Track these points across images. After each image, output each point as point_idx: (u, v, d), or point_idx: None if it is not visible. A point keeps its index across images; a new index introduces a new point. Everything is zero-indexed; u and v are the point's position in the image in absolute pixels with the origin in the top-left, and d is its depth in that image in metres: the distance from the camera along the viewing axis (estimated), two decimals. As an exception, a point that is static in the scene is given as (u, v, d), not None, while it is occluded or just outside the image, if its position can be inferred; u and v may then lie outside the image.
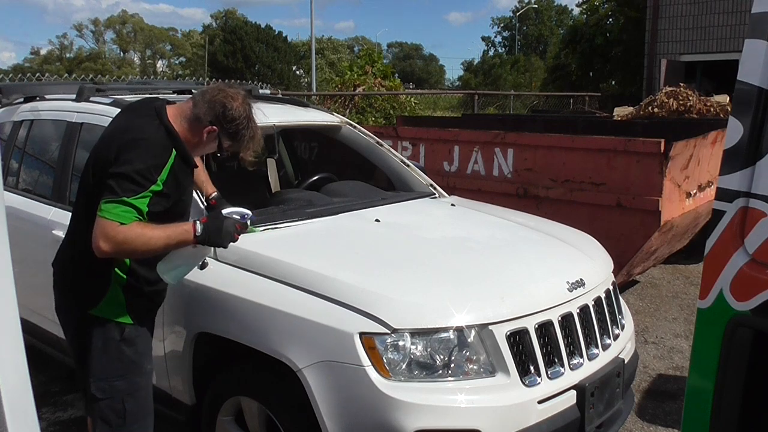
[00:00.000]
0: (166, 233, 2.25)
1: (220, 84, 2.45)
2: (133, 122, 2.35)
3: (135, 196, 2.17)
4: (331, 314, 2.36)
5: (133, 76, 36.85)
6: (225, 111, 2.31)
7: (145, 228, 2.20)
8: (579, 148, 5.25)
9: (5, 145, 4.00)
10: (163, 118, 2.33)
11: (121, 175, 2.17)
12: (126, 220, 2.15)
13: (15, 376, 1.46)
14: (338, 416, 2.30)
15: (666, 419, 3.70)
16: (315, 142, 4.78)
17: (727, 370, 1.81)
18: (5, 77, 20.38)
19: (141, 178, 2.18)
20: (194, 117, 2.34)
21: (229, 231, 2.37)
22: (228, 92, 2.35)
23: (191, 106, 2.36)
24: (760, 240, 1.76)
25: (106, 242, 2.14)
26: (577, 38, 23.79)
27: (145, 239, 2.19)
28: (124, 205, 2.15)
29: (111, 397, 2.39)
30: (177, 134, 2.32)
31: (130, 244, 2.17)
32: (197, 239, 2.30)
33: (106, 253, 2.17)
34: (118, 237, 2.14)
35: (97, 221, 2.16)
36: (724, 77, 9.70)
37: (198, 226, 2.30)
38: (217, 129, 2.34)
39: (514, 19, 57.83)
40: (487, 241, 3.19)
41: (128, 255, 2.29)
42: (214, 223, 2.34)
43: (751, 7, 1.80)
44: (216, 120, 2.33)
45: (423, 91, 29.32)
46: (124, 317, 2.40)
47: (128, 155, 2.20)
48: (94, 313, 2.38)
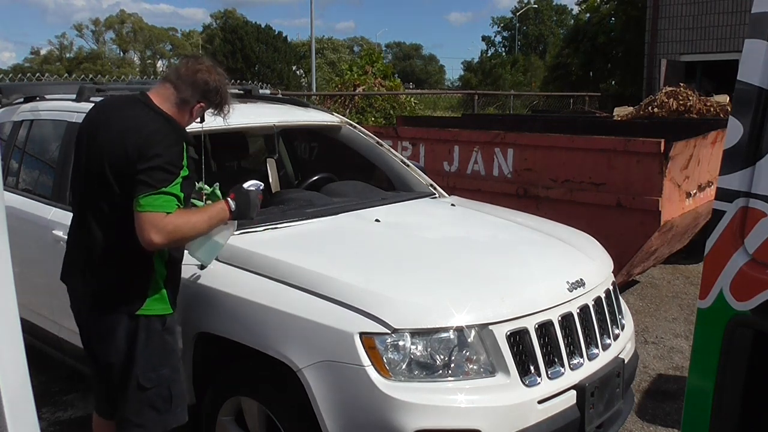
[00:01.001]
0: (207, 215, 2.41)
1: (187, 60, 2.52)
2: (134, 116, 2.38)
3: (170, 184, 2.25)
4: (331, 314, 2.36)
5: (133, 76, 36.80)
6: (208, 86, 2.45)
7: (189, 213, 2.32)
8: (579, 148, 5.24)
9: (5, 145, 4.00)
10: (154, 108, 2.41)
11: (152, 169, 2.23)
12: (170, 208, 2.23)
13: (15, 376, 1.46)
14: (338, 416, 2.30)
15: (666, 419, 3.70)
16: (315, 142, 4.78)
17: (727, 370, 1.81)
18: (5, 77, 20.37)
19: (172, 167, 2.27)
20: (181, 101, 2.44)
21: (256, 203, 2.55)
22: (201, 68, 2.46)
23: (173, 91, 2.44)
24: (760, 240, 1.76)
25: (158, 234, 2.20)
26: (579, 37, 23.79)
27: (192, 224, 2.31)
28: (164, 195, 2.22)
29: (159, 385, 2.47)
30: (173, 119, 2.41)
31: (180, 231, 2.26)
32: (232, 215, 2.46)
33: (157, 245, 2.23)
34: (168, 227, 2.21)
35: (141, 216, 2.21)
36: (724, 77, 9.71)
37: (231, 203, 2.46)
38: (204, 104, 2.49)
39: (514, 19, 57.84)
40: (487, 241, 3.19)
41: (178, 243, 2.36)
42: (243, 198, 2.51)
43: (751, 7, 1.80)
44: (203, 97, 2.46)
45: (423, 91, 29.33)
46: (166, 308, 2.48)
47: (153, 149, 2.26)
48: (141, 313, 2.41)
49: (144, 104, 2.42)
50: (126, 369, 2.46)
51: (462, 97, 22.51)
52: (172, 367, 2.52)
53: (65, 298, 3.38)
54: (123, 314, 2.42)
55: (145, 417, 2.48)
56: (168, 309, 2.48)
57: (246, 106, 4.04)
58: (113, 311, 2.43)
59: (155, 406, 2.48)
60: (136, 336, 2.43)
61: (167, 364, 2.49)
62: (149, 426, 2.49)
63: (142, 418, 2.48)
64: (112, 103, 2.57)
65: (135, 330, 2.42)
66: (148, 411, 2.47)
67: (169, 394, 2.50)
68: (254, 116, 3.80)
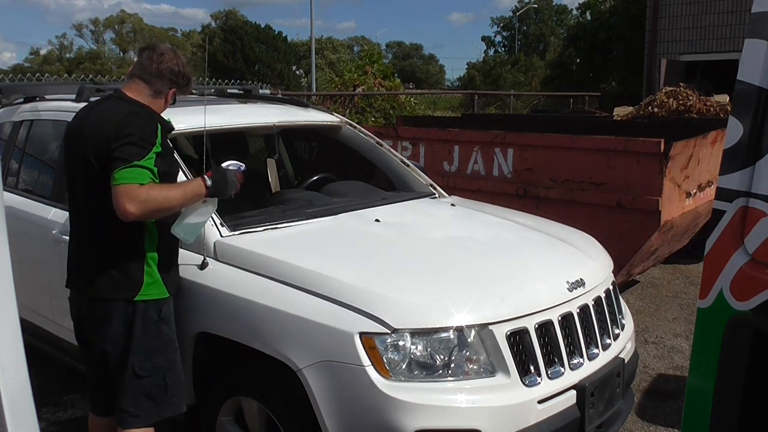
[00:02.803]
0: (182, 189, 2.47)
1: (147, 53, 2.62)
2: (111, 108, 2.52)
3: (142, 158, 2.34)
4: (332, 314, 2.36)
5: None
6: (174, 71, 2.59)
7: (163, 187, 2.39)
8: (579, 148, 5.24)
9: (5, 146, 4.00)
10: (128, 99, 2.55)
11: (125, 145, 2.34)
12: (143, 179, 2.31)
13: (15, 377, 1.46)
14: (338, 416, 2.31)
15: (666, 419, 3.70)
16: (315, 142, 4.78)
17: (727, 370, 1.81)
18: (5, 77, 20.37)
19: (143, 142, 2.37)
20: (155, 92, 2.59)
21: (234, 180, 2.58)
22: (164, 56, 2.58)
23: (145, 85, 2.58)
24: (760, 240, 1.76)
25: (131, 203, 2.27)
26: (581, 34, 23.81)
27: (165, 195, 2.37)
28: (137, 167, 2.31)
29: (153, 374, 2.52)
30: (148, 107, 2.55)
31: (153, 200, 2.32)
32: (209, 191, 2.49)
33: (132, 215, 2.28)
34: (141, 195, 2.28)
35: (116, 189, 2.29)
36: (724, 77, 9.70)
37: (207, 179, 2.50)
38: (175, 89, 2.63)
39: (513, 19, 57.83)
40: (487, 241, 3.19)
41: (152, 214, 2.39)
42: (220, 175, 2.55)
43: (751, 7, 1.80)
44: (173, 83, 2.61)
45: (423, 91, 29.31)
46: (162, 292, 2.54)
47: (126, 129, 2.38)
48: (139, 299, 2.48)
49: (119, 98, 2.57)
50: (122, 358, 2.51)
51: (462, 97, 22.52)
52: (168, 356, 2.56)
53: (65, 298, 3.38)
54: (120, 301, 2.48)
55: (141, 406, 2.53)
56: (164, 293, 2.54)
57: (246, 106, 4.04)
58: (111, 299, 2.49)
59: (151, 395, 2.53)
60: (133, 324, 2.48)
61: (162, 354, 2.54)
62: (144, 416, 2.54)
63: (138, 407, 2.53)
64: (92, 104, 2.70)
65: (132, 317, 2.48)
66: (143, 400, 2.52)
67: (164, 384, 2.54)
68: (254, 116, 3.80)
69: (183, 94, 2.73)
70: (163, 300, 2.55)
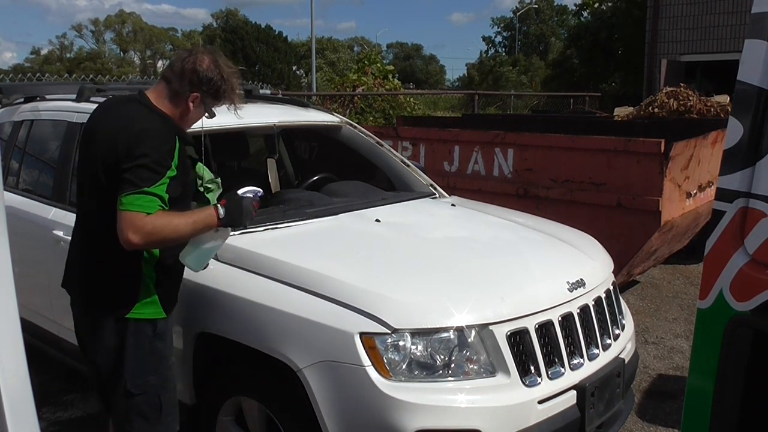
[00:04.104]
0: (192, 219, 2.29)
1: (180, 52, 2.50)
2: (128, 116, 2.34)
3: (154, 184, 2.18)
4: (332, 314, 2.36)
5: (133, 76, 36.80)
6: (199, 75, 2.36)
7: (171, 216, 2.22)
8: (579, 148, 5.24)
9: (5, 145, 4.00)
10: (150, 106, 2.37)
11: (137, 167, 2.18)
12: (151, 209, 2.16)
13: (15, 376, 1.46)
14: (338, 416, 2.30)
15: (666, 419, 3.70)
16: (315, 142, 4.78)
17: (727, 371, 1.81)
18: (6, 77, 20.37)
19: (158, 166, 2.20)
20: (173, 93, 2.38)
21: (249, 210, 2.41)
22: (193, 57, 2.39)
23: (165, 84, 2.40)
24: (760, 240, 1.76)
25: (136, 233, 2.13)
26: (581, 35, 23.83)
27: (173, 227, 2.21)
28: (146, 194, 2.16)
29: (146, 392, 2.40)
30: (169, 117, 2.36)
31: (160, 233, 2.18)
32: (221, 221, 2.33)
33: (135, 245, 2.16)
34: (147, 227, 2.14)
35: (121, 215, 2.15)
36: (724, 77, 9.70)
37: (220, 209, 2.33)
38: (199, 94, 2.38)
39: (514, 19, 57.84)
40: (488, 241, 3.19)
41: (157, 245, 2.28)
42: (235, 204, 2.37)
43: (751, 7, 1.80)
44: (194, 86, 2.37)
45: (423, 91, 29.31)
46: (158, 312, 2.41)
47: (140, 148, 2.20)
48: (131, 317, 2.35)
49: (139, 103, 2.39)
50: (115, 374, 2.41)
51: (462, 97, 22.51)
52: (162, 375, 2.45)
53: (65, 298, 3.38)
54: (111, 317, 2.37)
55: (134, 424, 2.42)
56: (160, 313, 2.41)
57: (246, 106, 4.04)
58: (102, 314, 2.40)
59: (143, 414, 2.41)
60: (125, 340, 2.37)
61: (156, 372, 2.43)
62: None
63: (131, 425, 2.43)
64: (110, 104, 2.54)
65: (124, 334, 2.37)
66: (136, 418, 2.41)
67: (158, 402, 2.43)
68: (254, 116, 3.80)
69: (214, 105, 2.47)
70: (158, 319, 2.42)
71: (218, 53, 2.48)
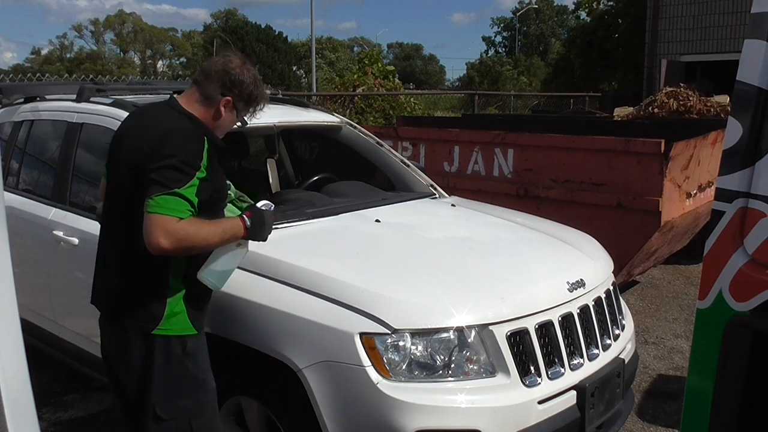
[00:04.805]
0: (221, 227, 2.21)
1: (212, 58, 2.43)
2: (155, 117, 2.28)
3: (184, 186, 2.08)
4: (332, 314, 2.36)
5: (133, 77, 36.80)
6: (231, 78, 2.29)
7: (202, 223, 2.13)
8: (579, 149, 5.24)
9: (5, 146, 4.00)
10: (179, 108, 2.29)
11: (165, 168, 2.08)
12: (183, 214, 2.06)
13: (15, 377, 1.46)
14: (338, 416, 2.31)
15: (666, 419, 3.70)
16: (315, 143, 4.78)
17: (727, 371, 1.81)
18: (6, 77, 20.37)
19: (186, 166, 2.11)
20: (205, 97, 2.30)
21: (270, 223, 2.35)
22: (225, 61, 2.33)
23: (197, 88, 2.32)
24: (759, 240, 1.76)
25: (167, 238, 2.02)
26: (581, 35, 23.86)
27: (204, 235, 2.12)
28: (176, 197, 2.06)
29: (177, 418, 2.25)
30: (199, 120, 2.29)
31: (190, 239, 2.08)
32: (247, 233, 2.25)
33: (163, 251, 2.05)
34: (179, 233, 2.05)
35: (150, 218, 2.04)
36: (724, 77, 9.69)
37: (247, 220, 2.25)
38: (231, 98, 2.31)
39: (514, 19, 57.84)
40: (488, 242, 3.19)
41: (184, 252, 2.15)
42: (258, 217, 2.29)
43: (751, 7, 1.80)
44: (227, 90, 2.30)
45: (423, 91, 29.29)
46: (187, 328, 2.27)
47: (167, 148, 2.11)
48: (156, 333, 2.22)
49: (169, 107, 2.32)
50: (142, 396, 2.26)
51: (462, 97, 22.51)
52: (196, 398, 2.28)
53: (65, 298, 3.39)
54: (138, 332, 2.24)
55: None
56: (189, 329, 2.27)
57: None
58: (128, 328, 2.26)
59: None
60: (153, 359, 2.23)
61: (187, 395, 2.26)
62: None
63: None
64: (140, 111, 2.47)
65: (151, 351, 2.23)
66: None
67: (189, 429, 2.26)
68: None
69: (246, 111, 2.39)
70: (187, 337, 2.27)
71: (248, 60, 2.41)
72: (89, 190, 3.49)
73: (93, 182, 3.53)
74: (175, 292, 2.25)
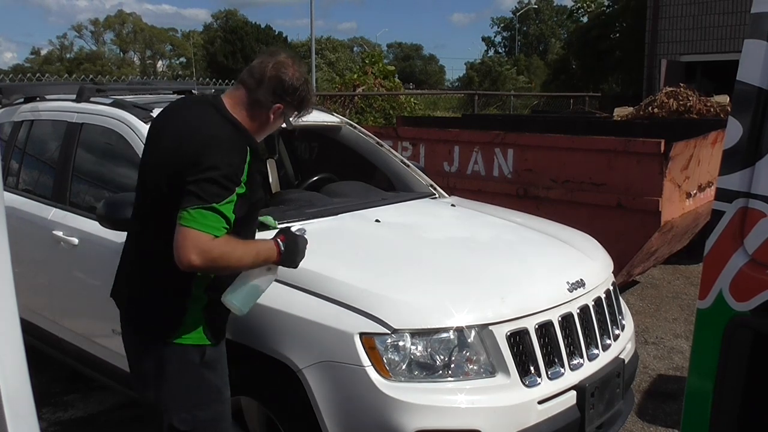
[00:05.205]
0: (256, 250, 2.11)
1: (263, 57, 2.21)
2: (199, 119, 2.13)
3: (222, 201, 1.96)
4: (332, 314, 2.36)
5: (133, 77, 36.84)
6: (284, 84, 2.15)
7: (237, 243, 2.03)
8: (579, 149, 5.25)
9: (5, 146, 4.00)
10: (223, 111, 2.14)
11: (205, 181, 1.96)
12: (219, 232, 1.95)
13: (15, 377, 1.46)
14: (338, 416, 2.30)
15: (666, 420, 3.70)
16: (315, 142, 4.78)
17: (727, 371, 1.81)
18: (5, 77, 20.38)
19: (227, 181, 1.98)
20: (254, 102, 2.16)
21: (303, 250, 2.26)
22: (278, 65, 2.16)
23: (245, 92, 2.16)
24: (759, 240, 1.76)
25: (198, 255, 1.92)
26: (581, 35, 23.88)
27: (238, 256, 2.03)
28: (214, 212, 1.95)
29: (193, 429, 2.18)
30: (243, 126, 2.14)
31: (223, 260, 1.99)
32: (280, 258, 2.15)
33: (193, 267, 1.95)
34: (214, 252, 1.94)
35: (183, 231, 1.93)
36: (724, 77, 9.69)
37: (281, 244, 2.16)
38: (282, 105, 2.18)
39: (514, 19, 57.86)
40: (487, 242, 3.19)
41: (216, 270, 2.07)
42: (292, 241, 2.20)
43: (751, 7, 1.80)
44: (279, 97, 2.16)
45: (423, 91, 29.29)
46: (204, 339, 2.18)
47: (210, 159, 1.98)
48: (176, 341, 2.14)
49: (213, 107, 2.15)
50: (159, 405, 2.19)
51: (462, 97, 22.51)
52: (213, 410, 2.20)
53: (65, 298, 3.39)
54: (154, 338, 2.17)
55: None
56: (205, 340, 2.18)
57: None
58: (145, 333, 2.21)
59: None
60: (169, 366, 2.15)
61: (205, 406, 2.19)
62: None
63: None
64: (180, 105, 2.30)
65: (168, 358, 2.15)
66: None
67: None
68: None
69: (295, 117, 2.28)
70: (206, 346, 2.18)
71: (296, 58, 2.27)
72: (89, 190, 3.49)
73: (93, 182, 3.53)
74: (197, 302, 2.16)
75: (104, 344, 3.21)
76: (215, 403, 2.22)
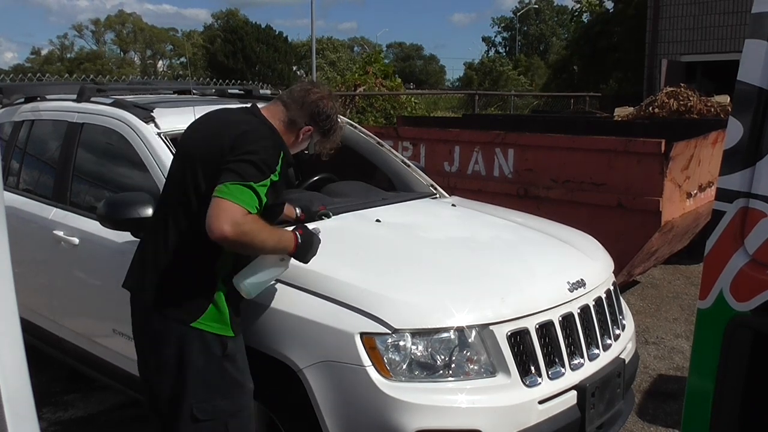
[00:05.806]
0: (278, 236, 2.23)
1: (303, 83, 2.50)
2: (239, 118, 2.34)
3: (259, 182, 2.10)
4: (332, 314, 2.36)
5: (133, 76, 36.87)
6: (320, 110, 2.38)
7: (264, 225, 2.14)
8: (579, 149, 5.24)
9: (6, 145, 4.00)
10: (261, 117, 2.35)
11: (244, 161, 2.11)
12: (252, 208, 2.07)
13: (15, 376, 1.46)
14: (339, 416, 2.31)
15: (666, 420, 3.70)
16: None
17: (727, 371, 1.81)
18: (6, 77, 20.39)
19: (264, 165, 2.14)
20: (289, 120, 2.37)
21: (316, 249, 2.39)
22: (317, 91, 2.41)
23: (283, 109, 2.38)
24: (760, 240, 1.76)
25: (232, 226, 2.00)
26: (581, 34, 23.88)
27: (264, 236, 2.14)
28: (251, 190, 2.07)
29: (213, 419, 2.24)
30: (278, 132, 2.33)
31: (250, 236, 2.08)
32: (296, 249, 2.28)
33: (224, 238, 2.02)
34: (245, 226, 2.04)
35: (219, 202, 2.03)
36: (725, 77, 9.68)
37: (299, 237, 2.28)
38: (312, 128, 2.40)
39: (514, 19, 57.87)
40: (488, 241, 3.19)
41: (241, 246, 2.13)
42: (309, 237, 2.34)
43: (751, 7, 1.80)
44: (312, 120, 2.39)
45: (423, 91, 29.30)
46: (226, 330, 2.27)
47: (248, 145, 2.16)
48: (195, 326, 2.22)
49: (252, 113, 2.38)
50: (176, 395, 2.24)
51: (463, 97, 22.50)
52: (233, 401, 2.27)
53: (65, 298, 3.39)
54: (176, 322, 2.23)
55: None
56: (228, 330, 2.27)
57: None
58: (167, 318, 2.25)
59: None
60: (191, 353, 2.21)
61: (226, 397, 2.26)
62: None
63: None
64: (217, 111, 2.47)
65: (188, 344, 2.21)
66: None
67: (225, 431, 2.26)
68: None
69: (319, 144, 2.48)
70: (226, 336, 2.27)
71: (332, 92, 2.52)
72: (89, 190, 3.49)
73: (93, 182, 3.53)
74: (220, 291, 2.27)
75: (105, 344, 3.21)
76: (236, 395, 2.29)
